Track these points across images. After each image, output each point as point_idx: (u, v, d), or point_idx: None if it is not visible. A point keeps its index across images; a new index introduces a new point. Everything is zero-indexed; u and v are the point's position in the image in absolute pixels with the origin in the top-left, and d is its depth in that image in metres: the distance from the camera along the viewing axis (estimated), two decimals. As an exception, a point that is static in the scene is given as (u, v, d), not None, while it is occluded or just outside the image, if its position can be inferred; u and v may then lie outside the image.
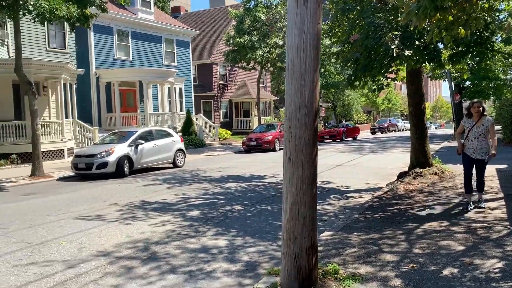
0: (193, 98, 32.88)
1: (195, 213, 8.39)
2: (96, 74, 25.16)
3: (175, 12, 43.73)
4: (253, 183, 12.07)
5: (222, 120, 37.15)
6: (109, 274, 5.12)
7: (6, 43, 19.29)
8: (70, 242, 6.54)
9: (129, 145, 14.72)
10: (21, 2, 12.34)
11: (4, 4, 12.29)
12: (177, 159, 16.70)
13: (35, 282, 4.94)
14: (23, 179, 13.77)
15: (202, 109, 35.15)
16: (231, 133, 34.10)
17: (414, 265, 4.83)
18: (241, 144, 24.75)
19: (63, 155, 18.92)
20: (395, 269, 4.74)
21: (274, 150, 23.24)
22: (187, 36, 32.09)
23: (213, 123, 33.00)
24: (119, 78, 25.13)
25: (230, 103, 38.57)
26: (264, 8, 29.66)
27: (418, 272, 4.62)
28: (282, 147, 19.01)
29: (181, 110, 30.38)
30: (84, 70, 23.23)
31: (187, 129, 26.76)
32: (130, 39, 27.27)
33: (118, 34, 26.47)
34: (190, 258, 5.63)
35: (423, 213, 7.41)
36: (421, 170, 11.07)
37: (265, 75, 39.55)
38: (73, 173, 14.53)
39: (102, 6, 14.73)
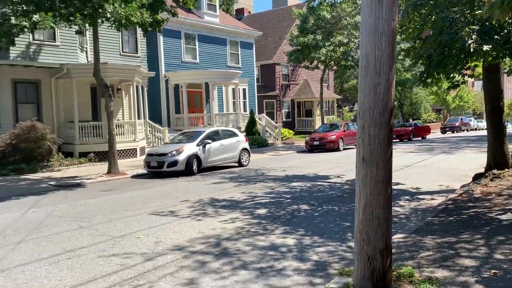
0: (256, 98, 33.28)
1: (262, 211, 8.52)
2: (165, 77, 26.23)
3: (239, 14, 44.44)
4: (318, 183, 12.01)
5: (284, 119, 37.19)
6: (184, 268, 5.35)
7: (85, 49, 20.70)
8: (146, 236, 6.91)
9: (198, 145, 15.23)
10: (100, 11, 13.19)
11: (85, 13, 13.22)
12: (242, 158, 17.01)
13: (118, 272, 5.28)
14: (101, 176, 14.70)
15: (264, 109, 35.43)
16: (293, 132, 34.07)
17: (497, 271, 4.58)
18: (304, 144, 24.66)
19: (136, 154, 19.94)
20: (475, 275, 4.53)
21: (338, 150, 22.90)
22: (251, 38, 32.55)
23: (276, 122, 33.16)
24: (187, 80, 26.05)
25: (293, 103, 38.51)
26: (328, 7, 29.27)
27: (502, 279, 4.38)
28: (346, 147, 18.50)
29: (244, 110, 30.86)
30: (154, 73, 24.38)
31: (251, 129, 27.13)
32: (196, 42, 28.15)
33: (185, 38, 27.42)
34: (260, 255, 5.74)
35: (504, 217, 6.99)
36: (499, 171, 10.45)
37: (328, 74, 39.03)
38: (146, 171, 15.29)
39: (173, 11, 15.37)
